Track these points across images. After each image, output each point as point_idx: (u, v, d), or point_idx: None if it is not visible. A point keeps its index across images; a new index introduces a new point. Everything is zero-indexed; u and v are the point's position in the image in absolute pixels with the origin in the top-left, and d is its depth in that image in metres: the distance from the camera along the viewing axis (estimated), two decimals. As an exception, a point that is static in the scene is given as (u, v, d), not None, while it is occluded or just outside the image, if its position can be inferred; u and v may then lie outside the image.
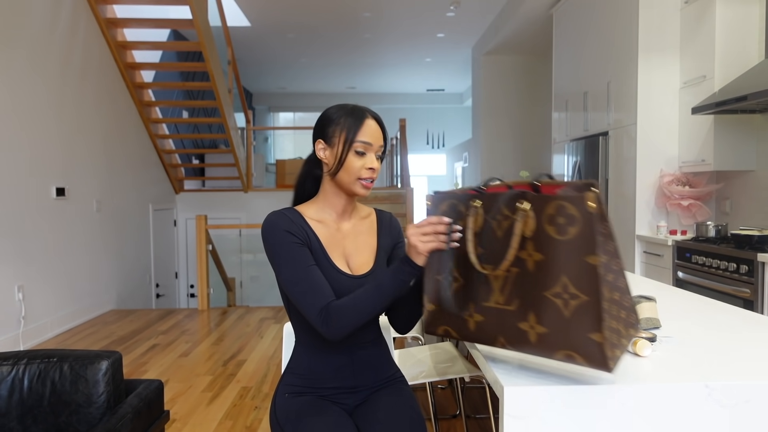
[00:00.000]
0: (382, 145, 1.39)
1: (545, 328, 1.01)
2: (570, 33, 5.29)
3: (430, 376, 2.05)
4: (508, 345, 1.08)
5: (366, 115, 1.38)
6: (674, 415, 1.01)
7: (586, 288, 0.96)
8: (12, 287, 4.03)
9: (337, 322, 1.26)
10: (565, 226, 0.98)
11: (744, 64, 3.51)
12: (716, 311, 1.59)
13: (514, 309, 1.05)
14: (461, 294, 1.14)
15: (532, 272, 1.02)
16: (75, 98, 4.91)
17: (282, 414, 1.39)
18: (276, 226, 1.34)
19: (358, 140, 1.35)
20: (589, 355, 0.97)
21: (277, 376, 3.46)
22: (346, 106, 1.40)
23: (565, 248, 0.98)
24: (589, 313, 0.96)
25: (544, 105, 7.80)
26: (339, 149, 1.35)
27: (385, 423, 1.35)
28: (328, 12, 7.11)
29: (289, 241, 1.32)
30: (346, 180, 1.36)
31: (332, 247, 1.40)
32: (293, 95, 13.20)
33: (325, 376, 1.42)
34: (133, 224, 6.16)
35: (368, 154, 1.36)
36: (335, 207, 1.43)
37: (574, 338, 0.98)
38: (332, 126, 1.37)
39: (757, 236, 3.01)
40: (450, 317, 1.16)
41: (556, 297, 1.00)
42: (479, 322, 1.11)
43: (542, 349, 1.03)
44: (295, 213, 1.39)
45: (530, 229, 1.02)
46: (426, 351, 2.34)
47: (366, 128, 1.36)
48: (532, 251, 1.02)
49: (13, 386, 1.61)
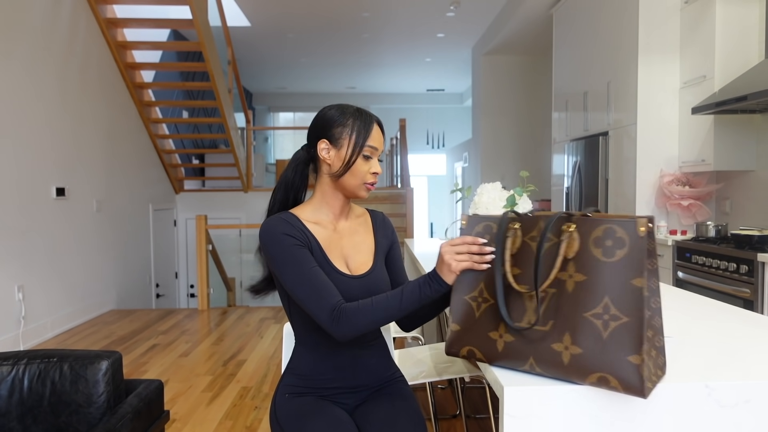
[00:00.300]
0: (383, 149, 1.44)
1: (580, 348, 1.00)
2: (570, 33, 5.29)
3: (430, 376, 2.04)
4: (537, 366, 1.06)
5: (373, 120, 1.41)
6: (674, 415, 1.01)
7: (628, 310, 0.97)
8: (12, 287, 4.03)
9: (349, 322, 1.24)
10: (613, 249, 1.00)
11: (744, 64, 3.51)
12: (716, 311, 1.59)
13: (548, 329, 1.05)
14: (491, 314, 1.13)
15: (571, 293, 1.03)
16: (75, 98, 4.91)
17: (282, 414, 1.39)
18: (275, 230, 1.33)
19: (367, 145, 1.37)
20: (625, 378, 0.96)
21: (277, 376, 3.46)
22: (348, 108, 1.40)
23: (611, 271, 0.99)
24: (629, 335, 0.96)
25: (544, 105, 7.80)
26: (348, 152, 1.36)
27: (385, 422, 1.35)
28: (327, 12, 7.11)
29: (290, 244, 1.31)
30: (351, 183, 1.37)
31: (331, 248, 1.40)
32: (293, 95, 13.20)
33: (325, 377, 1.42)
34: (133, 224, 6.16)
35: (373, 158, 1.39)
36: (333, 208, 1.43)
37: (611, 360, 0.97)
38: (339, 127, 1.37)
39: (757, 236, 3.01)
40: (476, 338, 1.14)
41: (595, 318, 1.00)
42: (509, 342, 1.10)
43: (574, 371, 1.01)
44: (291, 216, 1.38)
45: (573, 250, 1.04)
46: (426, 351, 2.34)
47: (375, 133, 1.39)
48: (573, 272, 1.03)
49: (13, 386, 1.61)
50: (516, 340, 1.09)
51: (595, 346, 0.99)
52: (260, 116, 13.41)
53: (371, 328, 1.26)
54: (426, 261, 2.65)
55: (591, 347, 0.99)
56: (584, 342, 1.00)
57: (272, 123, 13.80)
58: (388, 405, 1.41)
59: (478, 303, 1.15)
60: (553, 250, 1.06)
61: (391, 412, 1.38)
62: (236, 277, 7.75)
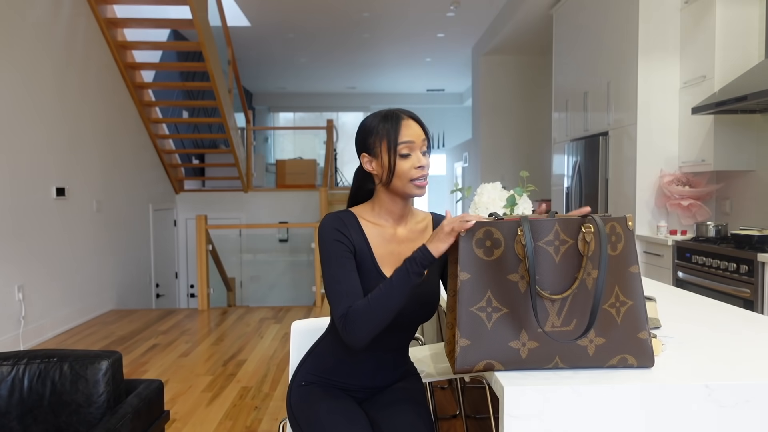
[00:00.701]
0: (424, 139, 1.37)
1: (604, 338, 1.10)
2: (570, 33, 5.29)
3: (430, 376, 2.04)
4: (562, 363, 1.11)
5: (401, 116, 1.37)
6: (674, 415, 1.01)
7: (632, 293, 1.11)
8: (12, 287, 4.03)
9: (353, 327, 1.24)
10: (616, 243, 1.12)
11: (744, 64, 3.51)
12: (716, 311, 1.59)
13: (573, 328, 1.10)
14: (508, 323, 1.11)
15: (591, 289, 1.11)
16: (75, 98, 4.91)
17: (296, 401, 1.44)
18: (328, 226, 1.35)
19: (400, 142, 1.33)
20: (639, 353, 1.10)
21: (277, 376, 3.46)
22: (379, 113, 1.39)
23: (616, 262, 1.12)
24: (635, 315, 1.11)
25: (544, 105, 7.80)
26: (385, 158, 1.34)
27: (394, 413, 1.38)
28: (328, 12, 7.11)
29: (332, 244, 1.33)
30: (399, 185, 1.35)
31: (385, 252, 1.39)
32: (293, 95, 13.20)
33: (344, 373, 1.45)
34: (133, 224, 6.16)
35: (413, 153, 1.35)
36: (392, 213, 1.42)
37: (626, 341, 1.10)
38: (372, 137, 1.37)
39: (757, 236, 3.01)
40: (493, 350, 1.11)
41: (611, 307, 1.11)
42: (533, 348, 1.10)
43: (598, 359, 1.10)
44: (350, 215, 1.39)
45: (591, 249, 1.10)
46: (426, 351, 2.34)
47: (404, 129, 1.35)
48: (591, 270, 1.11)
49: (13, 386, 1.61)
50: (540, 345, 1.10)
51: (614, 333, 1.10)
52: (260, 116, 13.41)
53: (377, 326, 1.23)
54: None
55: (611, 335, 1.10)
56: (605, 332, 1.10)
57: (272, 123, 13.79)
58: (397, 399, 1.44)
59: (488, 313, 1.12)
60: (571, 252, 1.10)
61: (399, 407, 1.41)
62: (236, 277, 7.75)
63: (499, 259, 1.12)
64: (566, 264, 1.10)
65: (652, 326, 1.39)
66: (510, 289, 1.11)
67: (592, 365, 1.10)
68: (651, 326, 1.39)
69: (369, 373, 1.44)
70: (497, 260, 1.12)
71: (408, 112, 1.39)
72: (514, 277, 1.11)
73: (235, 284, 7.57)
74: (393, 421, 1.36)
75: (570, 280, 1.10)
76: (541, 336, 1.09)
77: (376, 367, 1.44)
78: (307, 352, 1.53)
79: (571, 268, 1.10)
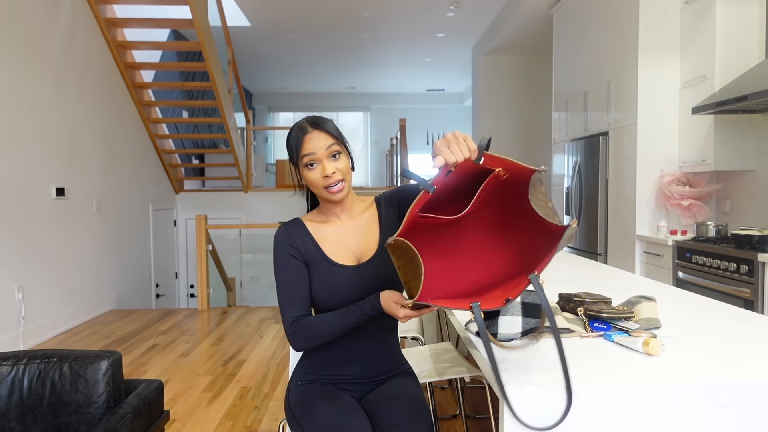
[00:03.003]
0: (329, 145, 1.39)
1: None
2: (570, 33, 5.29)
3: (430, 376, 2.04)
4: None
5: (306, 129, 1.41)
6: (675, 415, 1.01)
7: None
8: (12, 287, 4.03)
9: (302, 336, 1.41)
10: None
11: (744, 64, 3.51)
12: (716, 311, 1.59)
13: None
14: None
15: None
16: (75, 98, 4.91)
17: (294, 401, 1.47)
18: (278, 240, 1.48)
19: (302, 155, 1.40)
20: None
21: (277, 376, 3.46)
22: (296, 125, 1.45)
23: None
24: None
25: (544, 105, 7.80)
26: (294, 171, 1.46)
27: (390, 410, 1.39)
28: (328, 12, 7.11)
29: (284, 253, 1.46)
30: (318, 193, 1.45)
31: (337, 244, 1.49)
32: (293, 95, 13.20)
33: (337, 365, 1.50)
34: (133, 224, 6.17)
35: (318, 163, 1.40)
36: (333, 210, 1.52)
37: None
38: (288, 152, 1.46)
39: (757, 236, 3.01)
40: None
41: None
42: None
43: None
44: (298, 224, 1.50)
45: None
46: (426, 351, 2.34)
47: (307, 143, 1.40)
48: None
49: (13, 386, 1.61)
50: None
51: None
52: (260, 116, 13.41)
53: (321, 339, 1.40)
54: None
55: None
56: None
57: (272, 123, 13.80)
58: (395, 392, 1.46)
59: None
60: None
61: (398, 400, 1.43)
62: (236, 277, 7.75)
63: None
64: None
65: (652, 326, 1.39)
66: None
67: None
68: (651, 326, 1.39)
69: (359, 359, 1.50)
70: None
71: (317, 121, 1.42)
72: None
73: (235, 284, 7.57)
74: (391, 417, 1.37)
75: None
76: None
77: (364, 352, 1.50)
78: (302, 354, 1.58)
79: None
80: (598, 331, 1.35)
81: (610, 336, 1.31)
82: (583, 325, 1.39)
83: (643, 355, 1.19)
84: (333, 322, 1.39)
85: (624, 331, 1.33)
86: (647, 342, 1.19)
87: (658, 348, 1.18)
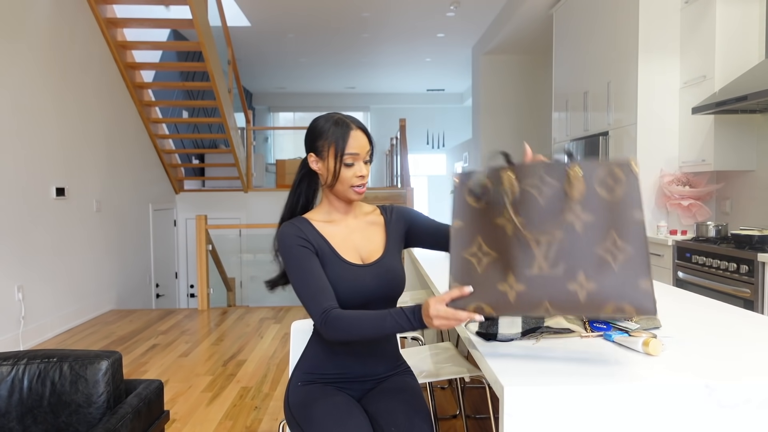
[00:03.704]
0: (368, 150, 1.48)
1: (595, 284, 1.06)
2: (570, 33, 5.29)
3: (430, 376, 2.04)
4: (553, 309, 1.08)
5: (351, 126, 1.45)
6: (674, 415, 1.01)
7: (632, 240, 1.06)
8: (12, 287, 4.03)
9: (334, 327, 1.33)
10: (613, 187, 1.08)
11: (744, 64, 3.51)
12: (716, 311, 1.59)
13: (561, 272, 1.07)
14: (497, 267, 1.13)
15: (581, 233, 1.07)
16: (75, 98, 4.91)
17: (294, 401, 1.47)
18: (286, 235, 1.45)
19: (347, 153, 1.43)
20: (638, 302, 1.04)
21: (277, 376, 3.46)
22: (331, 118, 1.47)
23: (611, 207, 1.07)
24: (636, 263, 1.05)
25: (544, 105, 7.80)
26: (331, 163, 1.44)
27: (390, 409, 1.40)
28: (327, 12, 7.11)
29: (297, 250, 1.43)
30: (340, 189, 1.47)
31: (343, 242, 1.50)
32: (293, 95, 13.20)
33: (336, 365, 1.50)
34: (133, 224, 6.16)
35: (357, 163, 1.45)
36: (339, 209, 1.54)
37: (623, 289, 1.05)
38: (321, 140, 1.45)
39: (757, 236, 3.01)
40: (483, 293, 1.13)
41: (606, 252, 1.07)
42: (520, 291, 1.09)
43: (591, 307, 1.06)
44: (303, 221, 1.49)
45: (579, 192, 1.08)
46: (426, 351, 2.34)
47: (352, 140, 1.43)
48: (580, 213, 1.08)
49: (13, 386, 1.61)
50: (528, 288, 1.09)
51: (609, 279, 1.06)
52: (260, 116, 13.41)
53: (353, 338, 1.33)
54: (426, 262, 2.65)
55: (605, 280, 1.06)
56: (598, 277, 1.06)
57: (272, 123, 13.80)
58: (395, 392, 1.47)
59: (478, 258, 1.15)
60: (558, 195, 1.08)
61: (398, 400, 1.43)
62: (236, 277, 7.75)
63: (488, 204, 1.14)
64: (553, 206, 1.08)
65: (652, 326, 1.39)
66: (498, 232, 1.12)
67: (585, 312, 1.06)
68: (651, 326, 1.39)
69: (360, 358, 1.50)
70: (486, 205, 1.15)
71: (358, 122, 1.47)
72: (500, 220, 1.12)
73: (235, 284, 7.56)
74: (391, 416, 1.37)
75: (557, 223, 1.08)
76: (528, 279, 1.09)
77: (364, 351, 1.50)
78: (301, 355, 1.57)
79: (558, 211, 1.08)
80: (598, 331, 1.35)
81: (610, 336, 1.31)
82: (583, 325, 1.39)
83: (643, 355, 1.19)
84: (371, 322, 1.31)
85: (624, 331, 1.33)
86: (647, 342, 1.19)
87: (658, 348, 1.18)
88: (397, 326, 1.28)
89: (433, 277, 2.21)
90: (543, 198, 1.09)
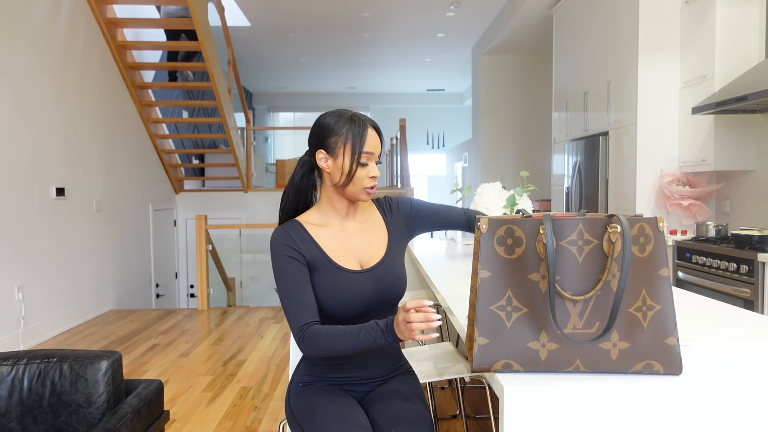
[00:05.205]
0: (381, 152, 1.45)
1: (628, 343, 1.07)
2: (570, 33, 5.29)
3: (430, 376, 2.04)
4: (583, 367, 1.08)
5: (367, 125, 1.41)
6: (674, 415, 1.01)
7: (660, 297, 1.07)
8: (12, 287, 4.03)
9: (310, 345, 1.33)
10: (644, 245, 1.09)
11: (744, 64, 3.51)
12: (716, 311, 1.59)
13: (595, 331, 1.07)
14: (527, 323, 1.09)
15: (616, 292, 1.06)
16: (75, 98, 4.91)
17: (295, 401, 1.46)
18: (277, 242, 1.40)
19: (363, 152, 1.38)
20: (665, 360, 1.06)
21: (277, 376, 3.46)
22: (344, 114, 1.42)
23: (643, 264, 1.08)
24: (663, 320, 1.07)
25: (544, 105, 7.80)
26: (345, 162, 1.38)
27: (392, 412, 1.39)
28: (327, 12, 7.11)
29: (285, 260, 1.39)
30: (352, 190, 1.41)
31: (340, 248, 1.45)
32: (293, 95, 13.21)
33: (339, 368, 1.48)
34: (133, 224, 6.16)
35: (371, 163, 1.41)
36: (338, 211, 1.48)
37: (653, 347, 1.06)
38: (334, 137, 1.39)
39: (757, 236, 3.01)
40: (511, 350, 1.09)
41: (637, 311, 1.07)
42: (553, 350, 1.08)
43: (622, 365, 1.07)
44: (296, 226, 1.43)
45: (616, 250, 1.07)
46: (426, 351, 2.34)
47: (369, 139, 1.39)
48: (616, 271, 1.07)
49: (13, 386, 1.61)
50: (562, 347, 1.07)
51: (639, 337, 1.06)
52: (260, 116, 13.42)
53: (330, 355, 1.33)
54: (426, 262, 2.65)
55: (636, 339, 1.06)
56: (630, 336, 1.07)
57: (272, 123, 13.80)
58: (397, 393, 1.46)
59: (507, 312, 1.10)
60: (595, 253, 1.07)
61: (399, 401, 1.42)
62: (236, 277, 7.75)
63: (520, 257, 1.10)
64: (590, 265, 1.07)
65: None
66: (531, 288, 1.09)
67: (615, 370, 1.07)
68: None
69: (361, 362, 1.48)
70: (518, 259, 1.10)
71: (371, 120, 1.43)
72: (535, 276, 1.09)
73: (235, 284, 7.57)
74: (392, 417, 1.37)
75: (594, 281, 1.07)
76: (562, 338, 1.07)
77: (365, 354, 1.47)
78: (302, 355, 1.56)
79: (595, 269, 1.07)
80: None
81: (611, 336, 1.31)
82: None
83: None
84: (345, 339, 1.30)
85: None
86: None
87: None
88: (370, 340, 1.27)
89: (433, 277, 2.21)
90: (581, 256, 1.07)
